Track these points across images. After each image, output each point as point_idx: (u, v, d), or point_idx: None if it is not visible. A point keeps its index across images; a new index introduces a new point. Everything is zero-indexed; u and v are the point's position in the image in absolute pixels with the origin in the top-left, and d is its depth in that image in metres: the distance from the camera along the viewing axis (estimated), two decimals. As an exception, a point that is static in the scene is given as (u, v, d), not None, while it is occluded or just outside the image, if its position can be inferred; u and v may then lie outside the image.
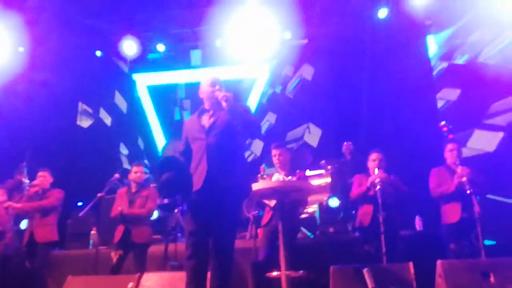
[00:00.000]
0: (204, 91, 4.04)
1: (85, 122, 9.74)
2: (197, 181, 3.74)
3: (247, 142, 3.93)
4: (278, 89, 9.35)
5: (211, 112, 3.98)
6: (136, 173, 6.21)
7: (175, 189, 3.82)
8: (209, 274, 3.75)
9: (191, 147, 3.94)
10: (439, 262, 4.32)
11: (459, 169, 5.29)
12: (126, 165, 9.09)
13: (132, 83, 10.11)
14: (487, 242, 5.42)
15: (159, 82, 10.12)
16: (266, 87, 9.48)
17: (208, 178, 3.71)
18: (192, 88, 8.96)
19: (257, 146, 8.93)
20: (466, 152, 6.82)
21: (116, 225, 5.99)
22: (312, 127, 8.91)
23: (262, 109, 9.30)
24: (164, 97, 9.99)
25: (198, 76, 9.03)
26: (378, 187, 5.23)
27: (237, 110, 3.80)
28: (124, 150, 9.73)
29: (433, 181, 5.54)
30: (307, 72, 9.10)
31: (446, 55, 8.27)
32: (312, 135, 8.86)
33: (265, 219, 5.40)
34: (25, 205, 6.25)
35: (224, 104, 3.74)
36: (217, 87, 3.92)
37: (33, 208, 6.23)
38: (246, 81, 9.53)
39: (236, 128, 3.81)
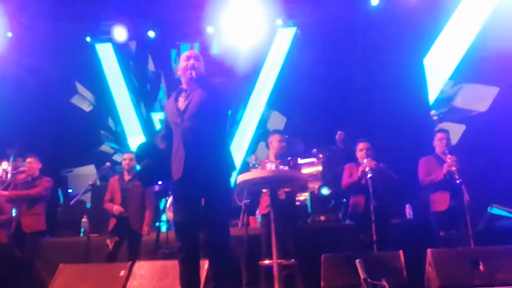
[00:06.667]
0: (180, 67, 3.70)
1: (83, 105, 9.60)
2: (177, 170, 3.49)
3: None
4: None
5: (188, 92, 3.63)
6: (125, 160, 6.09)
7: (155, 176, 3.70)
8: (201, 264, 3.72)
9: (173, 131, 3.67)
10: (429, 250, 4.36)
11: (448, 158, 5.32)
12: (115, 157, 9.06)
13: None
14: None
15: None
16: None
17: (186, 166, 3.45)
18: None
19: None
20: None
21: (108, 214, 5.93)
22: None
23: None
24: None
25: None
26: (369, 175, 5.25)
27: (207, 80, 3.53)
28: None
29: (422, 170, 5.57)
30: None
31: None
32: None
33: (267, 209, 5.22)
34: (12, 193, 6.07)
35: (193, 73, 3.50)
36: (191, 60, 3.60)
37: (20, 196, 6.06)
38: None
39: (213, 108, 3.51)
